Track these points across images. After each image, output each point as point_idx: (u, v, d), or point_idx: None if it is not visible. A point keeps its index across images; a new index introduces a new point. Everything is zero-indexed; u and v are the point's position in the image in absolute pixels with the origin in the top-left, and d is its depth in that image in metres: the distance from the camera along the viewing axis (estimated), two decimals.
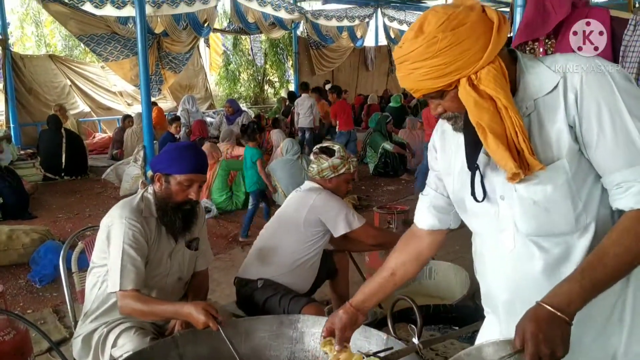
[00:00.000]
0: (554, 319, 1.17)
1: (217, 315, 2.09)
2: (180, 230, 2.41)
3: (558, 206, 1.28)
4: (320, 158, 3.06)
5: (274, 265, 2.97)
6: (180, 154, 2.36)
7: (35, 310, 4.09)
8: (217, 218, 6.82)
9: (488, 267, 1.50)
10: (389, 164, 9.44)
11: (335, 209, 2.95)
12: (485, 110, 1.25)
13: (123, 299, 2.24)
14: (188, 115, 11.50)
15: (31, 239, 5.17)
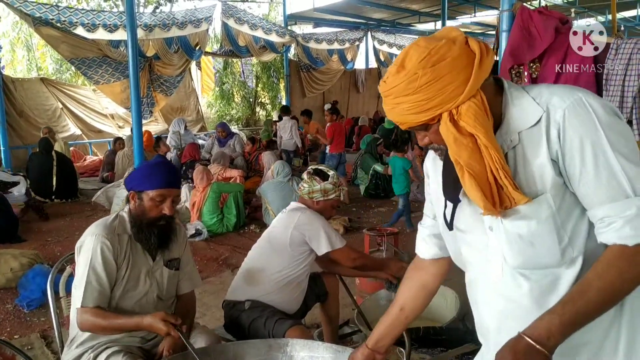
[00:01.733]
0: (532, 351, 1.18)
1: (176, 323, 2.17)
2: (155, 246, 2.42)
3: (543, 240, 1.28)
4: (314, 179, 3.10)
5: (261, 285, 2.98)
6: (151, 170, 2.41)
7: (22, 335, 4.04)
8: (208, 240, 6.79)
9: (479, 295, 1.51)
10: (379, 186, 9.47)
11: (318, 228, 2.99)
12: (464, 148, 1.25)
13: (82, 314, 2.27)
14: (179, 138, 11.51)
15: (20, 263, 5.13)
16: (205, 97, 19.18)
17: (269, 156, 8.95)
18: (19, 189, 8.13)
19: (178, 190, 2.46)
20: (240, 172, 8.45)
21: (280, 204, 7.31)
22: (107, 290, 2.31)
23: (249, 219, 7.73)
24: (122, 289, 2.37)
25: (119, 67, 11.89)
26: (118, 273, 2.35)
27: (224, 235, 7.07)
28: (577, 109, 1.23)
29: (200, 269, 5.60)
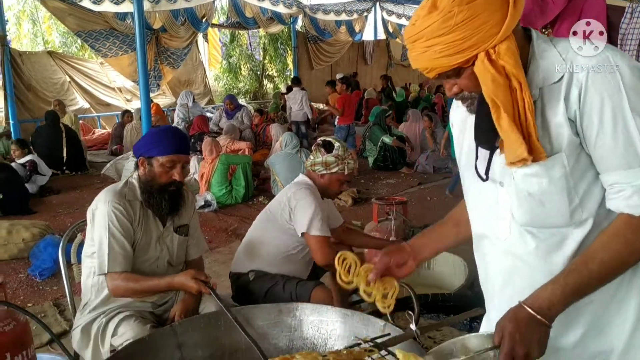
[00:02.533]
0: (533, 321, 1.18)
1: (207, 280, 2.21)
2: (166, 212, 2.44)
3: (553, 200, 1.25)
4: (318, 151, 3.02)
5: (261, 258, 2.98)
6: (161, 136, 2.42)
7: (35, 304, 4.10)
8: (217, 212, 6.83)
9: (486, 252, 1.49)
10: (388, 158, 9.44)
11: (305, 206, 2.86)
12: (501, 88, 1.20)
13: (112, 281, 2.30)
14: (187, 111, 11.49)
15: (31, 234, 5.19)
16: (213, 70, 19.08)
17: (277, 128, 8.93)
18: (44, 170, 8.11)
19: (187, 156, 2.47)
20: (249, 144, 8.45)
21: (288, 175, 7.32)
22: (129, 253, 2.34)
23: (257, 190, 7.75)
24: (134, 254, 2.39)
25: (126, 39, 11.84)
26: (134, 237, 2.37)
27: (233, 206, 7.10)
28: (602, 68, 1.18)
29: (210, 239, 5.65)
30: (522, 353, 1.15)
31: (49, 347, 3.40)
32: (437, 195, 7.51)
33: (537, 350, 1.17)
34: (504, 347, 1.17)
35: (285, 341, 2.24)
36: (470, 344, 1.31)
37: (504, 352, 1.16)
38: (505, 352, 1.16)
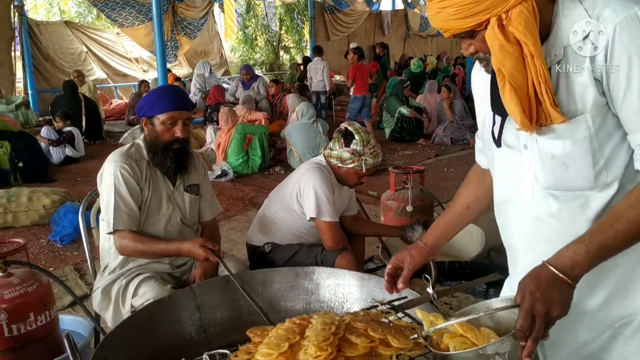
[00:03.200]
0: (556, 281, 1.16)
1: (214, 248, 2.25)
2: (172, 170, 2.46)
3: (577, 162, 1.23)
4: (337, 141, 2.86)
5: (274, 235, 2.97)
6: (159, 94, 2.44)
7: (56, 268, 4.18)
8: (234, 181, 6.86)
9: (509, 216, 1.47)
10: (405, 129, 9.37)
11: (312, 190, 2.77)
12: (509, 56, 1.18)
13: (120, 239, 2.35)
14: (203, 81, 11.47)
15: (51, 200, 5.27)
16: (229, 41, 18.98)
17: (293, 98, 8.89)
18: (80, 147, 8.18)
19: (188, 112, 2.46)
20: (265, 115, 8.44)
21: (305, 145, 7.32)
22: (135, 212, 2.37)
23: (273, 161, 7.77)
24: (145, 213, 2.43)
25: (142, 9, 11.79)
26: (141, 197, 2.41)
27: (249, 176, 7.13)
28: (630, 24, 1.13)
29: (227, 208, 5.69)
30: (542, 311, 1.14)
31: (70, 309, 3.48)
32: (455, 166, 7.47)
33: (559, 310, 1.15)
34: (524, 304, 1.16)
35: (302, 304, 2.26)
36: (494, 306, 1.31)
37: (524, 309, 1.15)
38: (525, 310, 1.15)
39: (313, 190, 2.76)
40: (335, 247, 2.80)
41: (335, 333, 1.49)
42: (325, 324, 1.54)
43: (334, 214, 2.79)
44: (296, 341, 1.49)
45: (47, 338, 2.51)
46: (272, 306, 2.26)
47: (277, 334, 1.53)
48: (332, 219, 2.78)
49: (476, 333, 1.23)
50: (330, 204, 2.77)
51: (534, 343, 1.14)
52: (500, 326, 1.28)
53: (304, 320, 1.64)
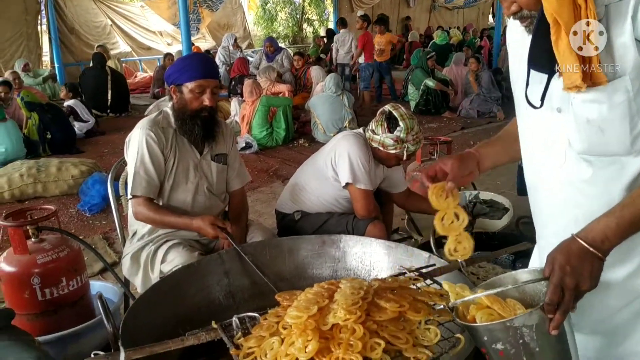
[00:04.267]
0: (586, 254, 1.14)
1: (224, 226, 2.27)
2: (200, 137, 2.45)
3: (613, 126, 1.18)
4: (380, 125, 2.76)
5: (304, 204, 2.95)
6: (188, 62, 2.43)
7: (85, 237, 4.25)
8: (258, 153, 6.88)
9: (539, 183, 1.43)
10: (430, 102, 9.25)
11: (351, 155, 2.74)
12: (566, 5, 1.11)
13: (136, 205, 2.39)
14: (228, 54, 11.43)
15: (80, 171, 5.35)
16: (252, 14, 18.86)
17: (317, 71, 8.83)
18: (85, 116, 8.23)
19: (216, 80, 2.46)
20: (289, 87, 8.38)
21: (329, 117, 7.28)
22: (154, 180, 2.39)
23: (297, 133, 7.75)
24: (173, 181, 2.44)
25: None
26: (166, 165, 2.42)
27: (274, 148, 7.13)
28: None
29: (252, 180, 5.68)
30: (572, 285, 1.13)
31: (100, 276, 3.54)
32: (481, 139, 7.35)
33: (589, 283, 1.14)
34: (553, 278, 1.14)
35: (328, 271, 2.27)
36: (521, 278, 1.29)
37: (553, 283, 1.14)
38: (554, 283, 1.14)
39: (348, 156, 2.75)
40: (367, 215, 2.78)
41: (364, 298, 1.49)
42: (354, 289, 1.54)
43: (369, 182, 2.77)
44: (325, 305, 1.49)
45: (78, 303, 2.58)
46: (299, 273, 2.28)
47: (306, 298, 1.53)
48: (367, 187, 2.76)
49: (502, 305, 1.22)
50: (365, 172, 2.75)
51: (562, 316, 1.13)
52: (526, 296, 1.27)
53: (333, 285, 1.64)
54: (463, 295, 1.31)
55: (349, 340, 1.34)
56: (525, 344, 1.15)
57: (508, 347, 1.16)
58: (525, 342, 1.15)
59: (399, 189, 3.10)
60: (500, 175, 5.83)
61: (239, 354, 1.41)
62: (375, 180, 2.92)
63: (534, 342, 1.15)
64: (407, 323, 1.48)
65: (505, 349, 1.17)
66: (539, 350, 1.15)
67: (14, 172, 5.26)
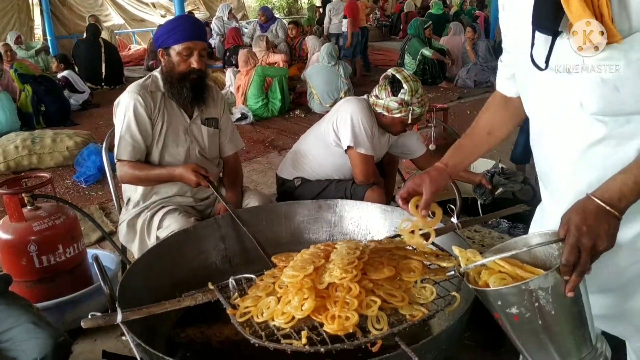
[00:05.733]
0: (602, 213, 1.12)
1: (206, 175, 2.28)
2: (189, 100, 2.43)
3: (629, 84, 1.13)
4: (383, 89, 2.72)
5: (306, 171, 2.94)
6: (175, 25, 2.41)
7: (82, 208, 4.23)
8: (254, 124, 6.84)
9: (547, 147, 1.39)
10: (427, 71, 9.17)
11: (354, 118, 2.70)
12: None
13: (121, 167, 2.40)
14: (222, 24, 11.30)
15: (74, 142, 5.32)
16: None
17: (313, 41, 8.74)
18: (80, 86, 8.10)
19: (203, 43, 2.43)
20: (284, 57, 8.29)
21: (325, 88, 7.23)
22: (140, 144, 2.38)
23: (293, 104, 7.68)
24: (162, 144, 2.43)
25: None
26: (154, 129, 2.40)
27: (269, 119, 7.09)
28: None
29: (247, 150, 5.69)
30: (589, 245, 1.10)
31: (97, 245, 3.55)
32: (478, 109, 7.13)
33: (606, 243, 1.11)
34: (569, 238, 1.12)
35: (325, 236, 2.29)
36: (532, 241, 1.26)
37: (570, 243, 1.11)
38: (570, 244, 1.11)
39: (351, 119, 2.70)
40: (365, 181, 2.75)
41: (359, 257, 1.50)
42: (350, 249, 1.54)
43: (370, 147, 2.73)
44: (321, 264, 1.49)
45: (76, 270, 2.59)
46: (296, 238, 2.29)
47: (302, 258, 1.53)
48: (367, 151, 2.72)
49: (516, 266, 1.20)
50: (367, 137, 2.71)
51: (578, 277, 1.11)
52: (537, 261, 1.24)
53: (329, 247, 1.64)
54: (474, 260, 1.28)
55: (344, 298, 1.35)
56: (540, 307, 1.13)
57: (523, 310, 1.14)
58: (540, 305, 1.13)
59: (419, 152, 3.04)
60: None
61: (235, 313, 1.42)
62: (380, 148, 2.89)
63: (550, 305, 1.13)
64: (403, 282, 1.49)
65: (520, 312, 1.15)
66: (554, 314, 1.14)
67: (9, 144, 5.22)
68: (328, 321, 1.31)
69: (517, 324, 1.18)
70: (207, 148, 2.55)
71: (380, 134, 2.85)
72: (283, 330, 1.33)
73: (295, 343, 1.28)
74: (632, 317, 1.37)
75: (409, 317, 1.35)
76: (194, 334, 1.92)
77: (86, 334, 2.48)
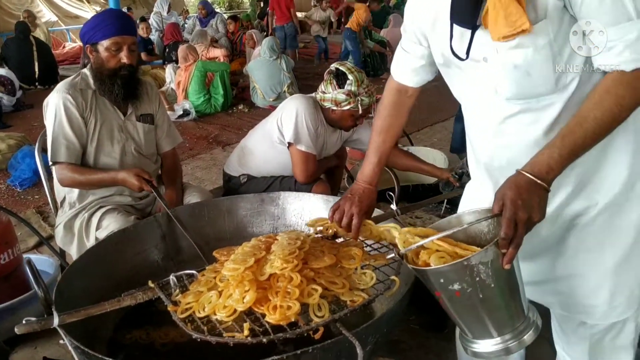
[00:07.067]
0: (533, 186, 1.19)
1: (150, 179, 2.25)
2: (121, 97, 2.38)
3: (539, 68, 1.22)
4: (329, 83, 2.69)
5: (252, 168, 2.90)
6: (102, 19, 2.34)
7: (18, 212, 4.06)
8: (197, 120, 6.73)
9: (473, 131, 1.49)
10: (369, 64, 9.26)
11: (298, 114, 2.66)
12: None
13: (60, 170, 2.32)
14: (160, 20, 11.06)
15: (7, 145, 5.10)
16: None
17: (255, 34, 8.68)
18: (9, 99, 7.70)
19: (133, 37, 2.37)
20: (224, 52, 8.19)
21: (267, 82, 7.20)
22: (75, 144, 2.31)
23: (237, 99, 7.61)
24: (97, 143, 2.37)
25: None
26: (87, 128, 2.34)
27: (213, 115, 6.99)
28: None
29: (190, 147, 5.62)
30: (524, 217, 1.16)
31: (35, 250, 3.43)
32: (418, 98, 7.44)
33: (539, 214, 1.18)
34: (506, 213, 1.17)
35: (269, 229, 2.28)
36: (466, 219, 1.33)
37: (507, 217, 1.17)
38: (507, 217, 1.16)
39: (295, 115, 2.66)
40: (305, 180, 2.72)
41: (300, 247, 1.51)
42: (291, 239, 1.55)
43: (312, 146, 2.69)
44: (262, 256, 1.50)
45: (11, 276, 2.50)
46: (239, 232, 2.28)
47: (243, 251, 1.53)
48: (308, 149, 2.68)
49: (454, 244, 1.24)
50: (310, 135, 2.67)
51: (515, 249, 1.17)
52: (468, 238, 1.30)
53: (270, 239, 1.65)
54: (412, 242, 1.31)
55: (286, 288, 1.36)
56: (481, 281, 1.18)
57: (465, 286, 1.19)
58: (481, 279, 1.17)
59: None
60: (437, 133, 5.97)
61: (177, 310, 1.40)
62: (330, 146, 2.87)
63: (490, 278, 1.18)
64: (344, 269, 1.51)
65: (462, 288, 1.19)
66: (493, 286, 1.19)
67: None
68: (270, 312, 1.32)
69: (459, 299, 1.22)
70: (144, 145, 2.49)
71: (331, 132, 2.83)
72: (225, 324, 1.33)
73: (237, 335, 1.28)
74: (555, 283, 1.49)
75: (350, 303, 1.38)
76: (139, 336, 1.88)
77: (26, 342, 2.40)
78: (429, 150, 3.74)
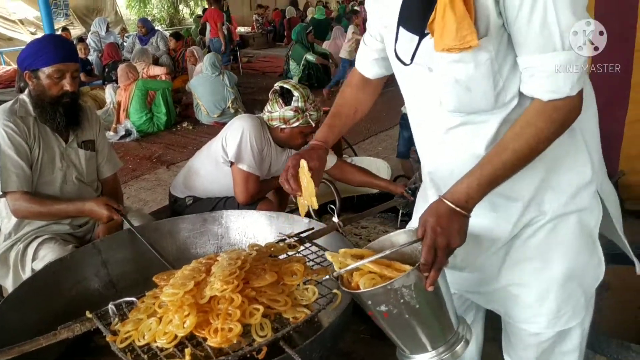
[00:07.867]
0: (453, 214, 1.22)
1: (118, 208, 2.24)
2: (64, 125, 2.32)
3: (479, 85, 1.23)
4: (275, 102, 2.66)
5: (198, 189, 2.88)
6: (43, 45, 2.27)
7: None
8: (139, 140, 6.59)
9: (419, 138, 1.51)
10: (312, 76, 9.33)
11: (243, 133, 2.63)
12: None
13: (13, 201, 2.23)
14: (99, 40, 10.81)
15: None
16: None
17: (196, 51, 8.61)
18: None
19: (76, 64, 2.31)
20: (165, 70, 8.08)
21: (211, 99, 7.14)
22: (26, 172, 2.24)
23: (180, 117, 7.51)
24: (38, 172, 2.30)
25: None
26: (31, 155, 2.27)
27: (156, 134, 6.87)
28: None
29: (134, 168, 5.51)
30: (443, 244, 1.20)
31: None
32: None
33: (458, 240, 1.22)
34: (426, 239, 1.21)
35: (212, 248, 2.26)
36: (398, 239, 1.36)
37: (427, 244, 1.20)
38: (427, 244, 1.20)
39: (241, 134, 2.63)
40: (244, 201, 2.68)
41: (241, 267, 1.50)
42: (232, 259, 1.53)
43: (255, 166, 2.65)
44: (202, 279, 1.48)
45: None
46: (183, 253, 2.24)
47: (182, 275, 1.51)
48: (250, 170, 2.64)
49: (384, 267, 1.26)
50: (253, 155, 2.63)
51: (436, 273, 1.20)
52: (404, 255, 1.32)
53: (211, 260, 1.63)
54: (346, 264, 1.33)
55: (227, 310, 1.35)
56: (406, 303, 1.22)
57: (391, 307, 1.23)
58: (405, 301, 1.21)
59: (330, 163, 2.85)
60: (382, 142, 6.06)
61: (115, 339, 1.37)
62: (275, 167, 2.83)
63: (414, 300, 1.21)
64: (286, 286, 1.51)
65: (388, 310, 1.23)
66: (418, 307, 1.23)
67: None
68: (211, 335, 1.30)
69: (388, 319, 1.26)
70: (85, 172, 2.43)
71: (279, 152, 2.81)
72: (167, 351, 1.31)
73: None
74: (501, 292, 1.51)
75: (292, 320, 1.38)
76: None
77: None
78: (373, 160, 3.79)
